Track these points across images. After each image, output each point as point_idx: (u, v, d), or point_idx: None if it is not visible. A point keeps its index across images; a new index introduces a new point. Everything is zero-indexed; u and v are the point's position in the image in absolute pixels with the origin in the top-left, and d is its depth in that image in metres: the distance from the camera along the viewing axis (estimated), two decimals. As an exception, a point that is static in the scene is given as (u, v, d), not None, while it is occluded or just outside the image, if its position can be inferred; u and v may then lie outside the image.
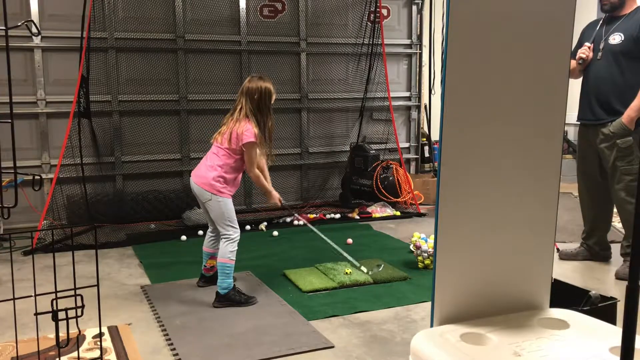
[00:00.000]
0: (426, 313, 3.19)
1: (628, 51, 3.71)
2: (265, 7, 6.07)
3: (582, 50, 3.89)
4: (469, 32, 1.76)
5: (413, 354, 1.75)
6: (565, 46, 1.90)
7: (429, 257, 3.96)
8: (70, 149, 4.98)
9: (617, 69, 3.75)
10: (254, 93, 3.34)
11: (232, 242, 3.35)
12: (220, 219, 3.37)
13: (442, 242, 1.83)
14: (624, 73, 3.74)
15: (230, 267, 3.34)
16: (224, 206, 3.35)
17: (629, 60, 3.72)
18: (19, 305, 2.34)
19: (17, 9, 5.15)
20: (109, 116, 5.54)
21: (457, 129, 1.79)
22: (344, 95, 6.46)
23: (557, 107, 1.92)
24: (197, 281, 3.71)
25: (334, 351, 2.77)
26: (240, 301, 3.34)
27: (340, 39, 6.38)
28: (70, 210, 5.16)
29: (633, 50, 3.70)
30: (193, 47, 5.76)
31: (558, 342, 1.74)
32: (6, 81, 2.25)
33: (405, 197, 6.02)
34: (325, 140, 6.49)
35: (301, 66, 6.27)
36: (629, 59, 3.72)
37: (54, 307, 2.06)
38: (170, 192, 5.69)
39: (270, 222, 5.46)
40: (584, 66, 3.92)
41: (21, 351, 2.57)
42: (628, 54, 3.72)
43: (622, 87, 3.74)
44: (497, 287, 1.94)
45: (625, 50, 3.72)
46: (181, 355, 2.71)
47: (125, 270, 4.11)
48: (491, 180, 1.87)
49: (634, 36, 3.68)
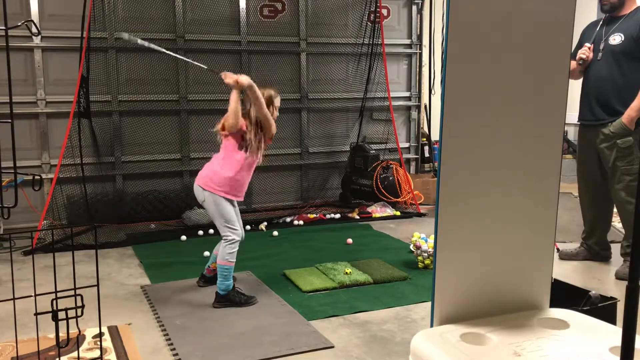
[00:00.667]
0: (426, 313, 3.19)
1: (628, 51, 3.71)
2: (265, 7, 6.07)
3: (582, 50, 3.89)
4: (469, 32, 1.76)
5: (413, 354, 1.75)
6: (565, 46, 1.90)
7: (429, 257, 3.96)
8: (70, 149, 4.98)
9: (617, 70, 3.75)
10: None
11: (230, 243, 3.34)
12: (216, 219, 3.36)
13: (442, 242, 1.83)
14: (624, 73, 3.74)
15: (229, 269, 3.33)
16: (218, 205, 3.32)
17: (629, 60, 3.72)
18: (19, 305, 2.34)
19: (17, 9, 5.15)
20: (109, 116, 5.54)
21: (457, 129, 1.79)
22: (344, 95, 6.46)
23: (557, 107, 1.92)
24: (197, 280, 3.71)
25: (334, 351, 2.77)
26: (240, 302, 3.33)
27: (340, 39, 6.38)
28: (70, 210, 5.16)
29: (633, 50, 3.70)
30: (193, 47, 5.76)
31: (558, 342, 1.75)
32: (6, 81, 2.25)
33: (405, 197, 6.02)
34: (325, 140, 6.49)
35: (301, 66, 6.27)
36: (629, 59, 3.72)
37: (54, 307, 2.06)
38: (170, 192, 5.69)
39: (270, 222, 5.46)
40: (584, 67, 3.92)
41: (21, 351, 2.57)
42: (628, 54, 3.72)
43: (622, 87, 3.73)
44: (497, 287, 1.94)
45: (626, 51, 3.72)
46: (181, 355, 2.71)
47: (125, 270, 4.11)
48: (491, 180, 1.87)
49: (634, 36, 3.68)
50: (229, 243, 3.33)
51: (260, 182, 6.08)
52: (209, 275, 3.64)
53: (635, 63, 3.72)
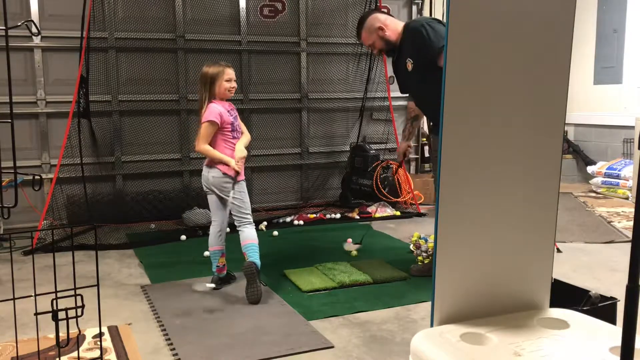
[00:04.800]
0: (426, 313, 3.19)
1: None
2: (265, 7, 6.07)
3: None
4: (469, 32, 1.75)
5: (413, 353, 1.75)
6: (565, 46, 1.90)
7: (428, 257, 3.96)
8: (70, 148, 4.98)
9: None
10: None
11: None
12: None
13: (442, 242, 1.83)
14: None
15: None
16: (209, 176, 3.52)
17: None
18: (19, 305, 2.34)
19: (17, 9, 5.16)
20: (109, 116, 5.54)
21: (457, 128, 1.79)
22: (344, 95, 6.46)
23: (557, 107, 1.92)
24: (213, 287, 3.65)
25: (333, 351, 2.77)
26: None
27: (340, 39, 6.38)
28: (70, 210, 5.16)
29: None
30: (193, 47, 5.76)
31: (558, 342, 1.74)
32: (6, 81, 2.25)
33: (405, 197, 6.02)
34: (325, 140, 6.49)
35: (301, 66, 6.27)
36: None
37: (54, 307, 2.06)
38: (170, 192, 5.69)
39: (270, 222, 5.46)
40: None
41: (21, 351, 2.57)
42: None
43: None
44: (497, 287, 1.94)
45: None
46: (181, 355, 2.71)
47: (125, 270, 4.11)
48: (491, 180, 1.87)
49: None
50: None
51: (260, 182, 6.09)
52: (221, 275, 3.65)
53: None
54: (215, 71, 3.48)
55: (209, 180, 3.48)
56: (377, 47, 3.77)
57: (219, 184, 3.48)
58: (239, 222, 3.53)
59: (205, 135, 3.45)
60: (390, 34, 3.70)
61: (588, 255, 4.36)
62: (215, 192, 3.50)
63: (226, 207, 3.56)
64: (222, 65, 3.51)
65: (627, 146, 7.41)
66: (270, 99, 6.19)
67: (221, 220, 3.57)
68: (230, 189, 3.49)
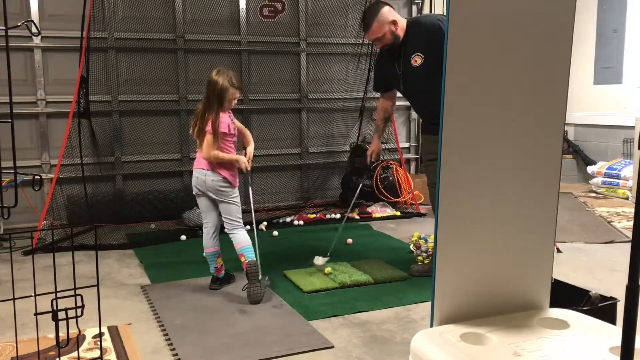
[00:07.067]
0: (426, 313, 3.19)
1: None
2: (265, 7, 6.06)
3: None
4: (469, 32, 1.75)
5: (413, 354, 1.75)
6: (565, 46, 1.90)
7: (428, 257, 3.96)
8: (70, 149, 4.98)
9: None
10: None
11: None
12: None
13: (442, 242, 1.83)
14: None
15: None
16: (206, 179, 3.54)
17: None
18: (19, 305, 2.34)
19: (17, 9, 5.15)
20: (109, 116, 5.54)
21: (457, 128, 1.79)
22: (344, 95, 6.46)
23: (557, 107, 1.92)
24: (209, 286, 3.68)
25: (333, 351, 2.77)
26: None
27: (340, 39, 6.38)
28: (70, 210, 5.16)
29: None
30: (193, 47, 5.76)
31: (558, 342, 1.75)
32: (6, 81, 2.25)
33: (405, 197, 6.02)
34: (325, 140, 6.49)
35: (301, 66, 6.26)
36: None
37: (54, 307, 2.05)
38: (170, 192, 5.69)
39: (270, 222, 5.46)
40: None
41: (21, 351, 2.57)
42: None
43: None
44: (497, 287, 1.94)
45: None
46: (181, 355, 2.71)
47: (125, 270, 4.11)
48: (491, 180, 1.87)
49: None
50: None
51: (260, 182, 6.08)
52: (220, 275, 3.66)
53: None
54: (226, 86, 3.49)
55: (207, 182, 3.48)
56: (385, 41, 3.70)
57: (216, 187, 3.48)
58: (232, 227, 3.52)
59: (213, 142, 3.47)
60: (400, 31, 3.69)
61: (588, 255, 4.36)
62: (209, 195, 3.51)
63: (217, 208, 3.59)
64: (234, 83, 3.49)
65: (627, 146, 7.42)
66: (270, 99, 6.18)
67: (213, 221, 3.59)
68: (229, 194, 3.52)
